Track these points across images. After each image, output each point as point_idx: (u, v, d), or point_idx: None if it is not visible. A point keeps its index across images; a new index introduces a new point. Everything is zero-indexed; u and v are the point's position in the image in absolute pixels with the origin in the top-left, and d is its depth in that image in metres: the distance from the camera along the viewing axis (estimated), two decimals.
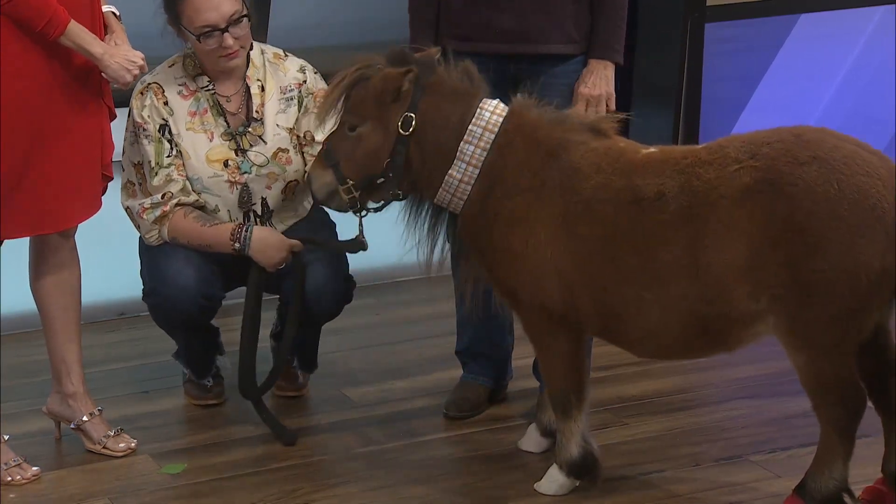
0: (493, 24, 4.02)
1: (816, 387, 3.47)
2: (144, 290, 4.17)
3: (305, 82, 4.17)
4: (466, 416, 4.30)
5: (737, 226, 3.38)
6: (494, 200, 3.64)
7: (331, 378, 4.60)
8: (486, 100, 3.69)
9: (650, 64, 5.55)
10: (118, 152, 4.17)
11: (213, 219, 4.11)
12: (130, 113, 4.11)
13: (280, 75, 4.17)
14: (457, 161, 3.65)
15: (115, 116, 4.00)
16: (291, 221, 4.23)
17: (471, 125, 3.65)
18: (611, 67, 4.05)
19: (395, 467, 4.00)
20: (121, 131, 4.09)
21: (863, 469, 3.67)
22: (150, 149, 4.07)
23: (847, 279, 3.33)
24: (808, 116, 5.84)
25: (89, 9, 3.82)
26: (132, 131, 4.11)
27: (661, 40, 5.54)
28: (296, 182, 4.18)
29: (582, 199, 3.55)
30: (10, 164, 3.74)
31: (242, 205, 4.14)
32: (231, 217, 4.14)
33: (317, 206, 4.23)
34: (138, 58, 3.83)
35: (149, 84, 4.11)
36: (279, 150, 4.14)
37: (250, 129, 4.13)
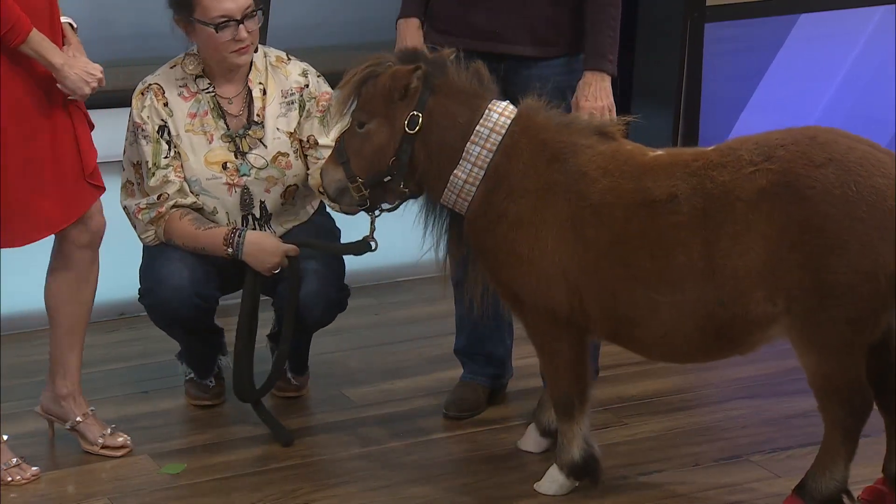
0: (467, 20, 4.01)
1: (825, 387, 3.46)
2: (140, 290, 4.17)
3: (307, 86, 4.17)
4: (466, 416, 4.30)
5: (753, 228, 3.37)
6: (499, 202, 3.63)
7: (330, 378, 4.60)
8: (496, 101, 3.68)
9: (650, 64, 5.54)
10: (118, 152, 4.17)
11: (209, 221, 4.10)
12: (131, 113, 4.11)
13: (282, 79, 4.17)
14: (462, 161, 3.64)
15: (93, 126, 3.92)
16: (291, 225, 4.23)
17: (478, 126, 3.64)
18: (608, 79, 4.00)
19: (395, 467, 4.00)
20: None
21: (863, 469, 3.67)
22: (147, 149, 4.07)
23: (866, 281, 3.32)
24: (808, 116, 5.83)
25: (48, 18, 3.76)
26: (132, 131, 4.11)
27: (661, 40, 5.54)
28: (296, 186, 4.17)
29: (590, 202, 3.54)
30: None
31: (244, 207, 4.14)
32: (229, 219, 4.13)
33: (321, 211, 4.23)
34: (97, 70, 3.77)
35: (149, 84, 4.11)
36: (279, 153, 4.14)
37: (250, 132, 4.12)
